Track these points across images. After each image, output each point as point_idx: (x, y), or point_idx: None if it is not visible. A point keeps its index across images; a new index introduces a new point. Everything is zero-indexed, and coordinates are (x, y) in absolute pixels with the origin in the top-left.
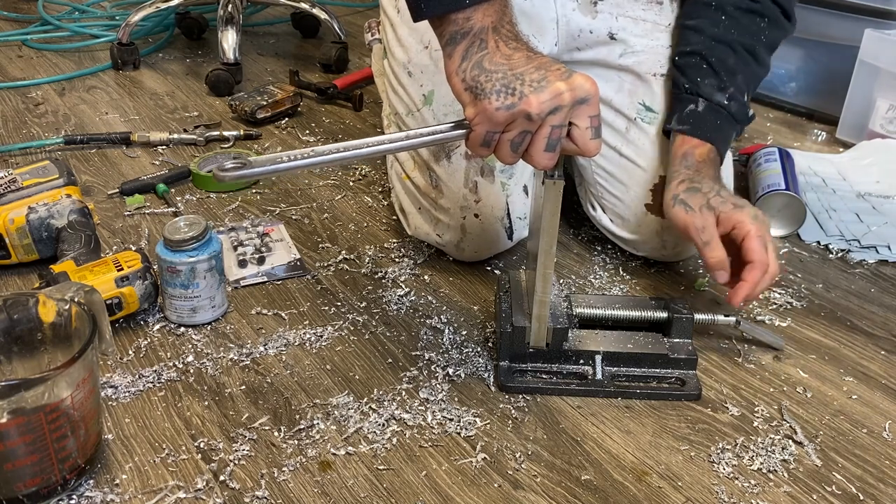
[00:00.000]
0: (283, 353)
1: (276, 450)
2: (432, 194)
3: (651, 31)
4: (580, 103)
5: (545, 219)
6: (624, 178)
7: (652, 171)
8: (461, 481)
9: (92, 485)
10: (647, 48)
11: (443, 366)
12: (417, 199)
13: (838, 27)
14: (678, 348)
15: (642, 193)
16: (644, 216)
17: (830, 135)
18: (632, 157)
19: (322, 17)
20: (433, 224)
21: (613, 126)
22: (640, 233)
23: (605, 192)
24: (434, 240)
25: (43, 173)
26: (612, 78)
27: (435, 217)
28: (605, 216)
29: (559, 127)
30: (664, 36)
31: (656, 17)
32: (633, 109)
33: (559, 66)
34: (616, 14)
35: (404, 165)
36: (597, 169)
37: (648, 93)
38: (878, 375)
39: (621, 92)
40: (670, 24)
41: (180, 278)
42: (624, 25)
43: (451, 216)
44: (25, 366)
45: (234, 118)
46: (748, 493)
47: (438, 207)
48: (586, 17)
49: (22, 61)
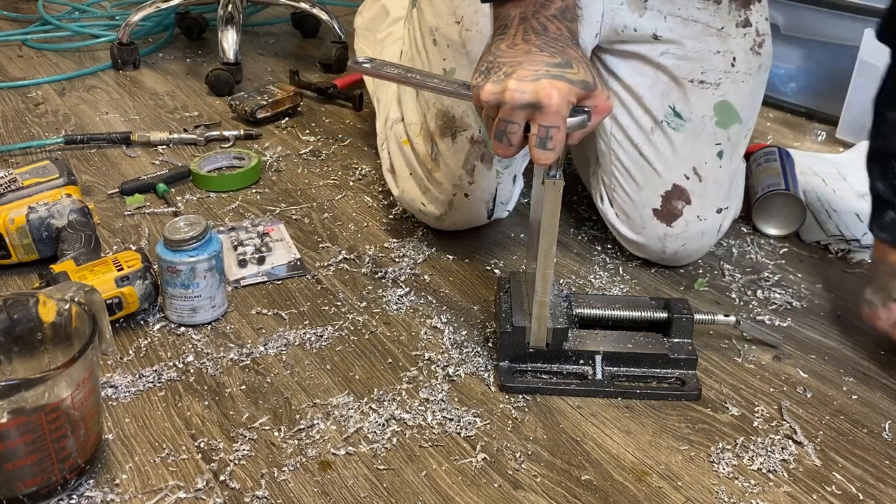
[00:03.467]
0: (283, 352)
1: (276, 450)
2: (429, 165)
3: (701, 34)
4: (533, 108)
5: (545, 219)
6: (639, 177)
7: (667, 177)
8: (461, 481)
9: (92, 485)
10: (692, 52)
11: (443, 366)
12: (412, 165)
13: (838, 27)
14: (678, 348)
15: (653, 197)
16: (650, 220)
17: (830, 135)
18: (651, 158)
19: (322, 16)
20: (422, 191)
21: (639, 123)
22: (643, 235)
23: (618, 186)
24: (417, 207)
25: (43, 173)
26: (648, 73)
27: (426, 186)
28: (611, 210)
29: (505, 122)
30: (714, 41)
31: (710, 17)
32: (661, 111)
33: (537, 67)
34: (666, 13)
35: (409, 129)
36: (615, 161)
37: (681, 98)
38: (878, 375)
39: (654, 90)
40: (724, 27)
41: (180, 278)
42: (672, 26)
43: (443, 191)
44: (25, 366)
45: (234, 118)
46: (748, 493)
47: (432, 179)
48: (633, 14)
49: (22, 61)
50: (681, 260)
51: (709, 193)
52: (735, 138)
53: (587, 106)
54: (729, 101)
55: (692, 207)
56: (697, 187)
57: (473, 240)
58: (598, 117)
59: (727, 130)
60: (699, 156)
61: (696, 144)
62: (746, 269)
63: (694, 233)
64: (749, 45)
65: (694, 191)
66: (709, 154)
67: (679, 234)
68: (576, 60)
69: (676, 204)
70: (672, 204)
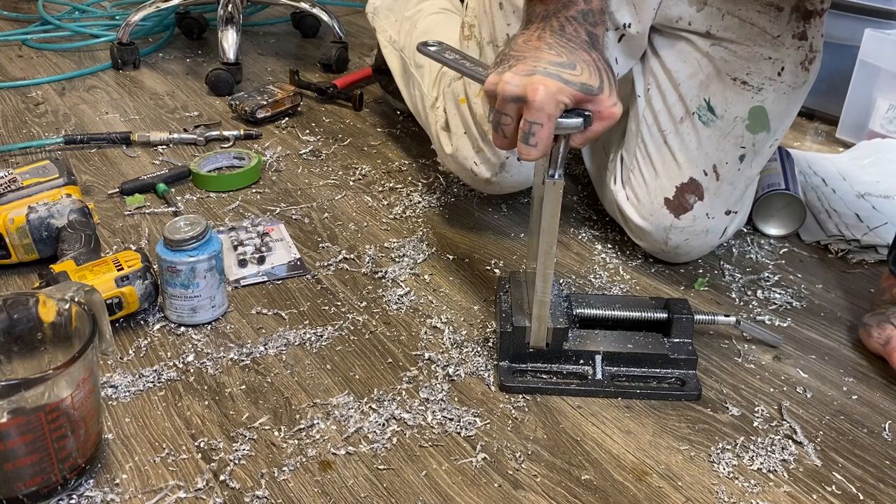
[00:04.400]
0: (283, 352)
1: (276, 449)
2: (485, 126)
3: (756, 38)
4: (521, 102)
5: (545, 219)
6: (658, 165)
7: (687, 170)
8: (461, 481)
9: (92, 484)
10: (743, 52)
11: (443, 366)
12: (468, 124)
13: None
14: (678, 348)
15: (668, 186)
16: (660, 208)
17: (830, 135)
18: (674, 148)
19: (322, 17)
20: (475, 151)
21: (671, 111)
22: (649, 221)
23: (636, 168)
24: (469, 166)
25: (43, 173)
26: (691, 61)
27: (479, 146)
28: (622, 191)
29: (499, 113)
30: (768, 46)
31: (769, 23)
32: (694, 103)
33: (537, 63)
34: (725, 11)
35: (469, 88)
36: (640, 143)
37: (719, 94)
38: (878, 375)
39: (693, 79)
40: (780, 35)
41: (180, 278)
42: (728, 25)
43: (496, 153)
44: (25, 365)
45: (234, 118)
46: (748, 493)
47: (486, 140)
48: (691, 8)
49: (22, 61)
50: (680, 256)
51: (722, 193)
52: (760, 146)
53: (588, 110)
54: (765, 108)
55: (703, 204)
56: (713, 185)
57: (473, 240)
58: (600, 123)
59: (755, 136)
60: (722, 154)
61: (721, 142)
62: (746, 269)
63: (699, 229)
64: (801, 58)
65: (709, 188)
66: (732, 155)
67: (684, 228)
68: (583, 63)
69: (689, 197)
70: (685, 196)
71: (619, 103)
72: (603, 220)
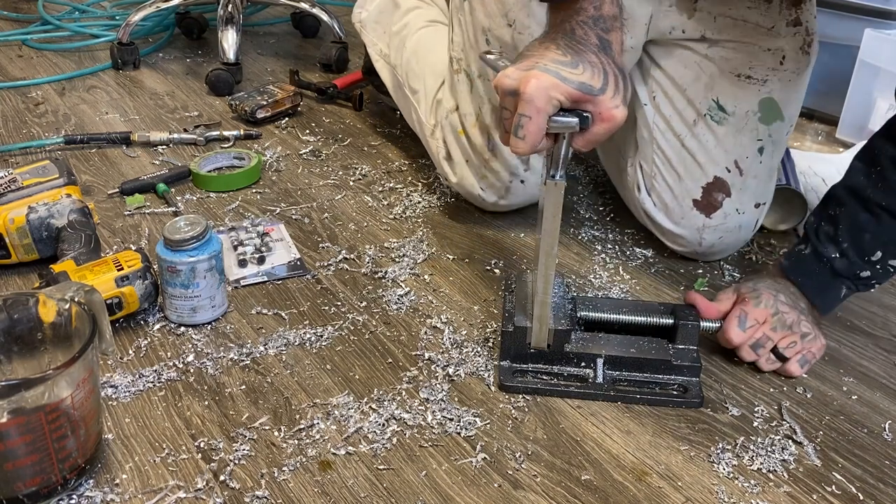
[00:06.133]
0: (283, 352)
1: (276, 449)
2: (486, 155)
3: (751, 33)
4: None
5: (546, 220)
6: (680, 169)
7: (709, 170)
8: (461, 481)
9: (92, 484)
10: (742, 48)
11: (443, 366)
12: (468, 153)
13: (838, 27)
14: (682, 355)
15: (694, 188)
16: (690, 210)
17: (830, 135)
18: (693, 150)
19: (322, 17)
20: (479, 178)
21: (682, 115)
22: (681, 225)
23: (658, 175)
24: (477, 192)
25: (43, 173)
26: (692, 66)
27: (482, 174)
28: (649, 199)
29: (502, 108)
30: (765, 39)
31: (761, 17)
32: (704, 104)
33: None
34: (716, 14)
35: (465, 120)
36: (657, 150)
37: (726, 91)
38: (878, 375)
39: (698, 82)
40: (774, 26)
41: (180, 278)
42: (721, 27)
43: (500, 179)
44: (25, 366)
45: (234, 118)
46: (748, 493)
47: (489, 168)
48: (682, 16)
49: (22, 61)
50: (715, 254)
51: (749, 187)
52: (776, 135)
53: (588, 111)
54: (774, 98)
55: (732, 200)
56: (738, 181)
57: (473, 240)
58: (601, 125)
59: (769, 127)
60: (741, 150)
61: (738, 138)
62: (746, 269)
63: (732, 225)
64: (799, 44)
65: (734, 184)
66: (750, 149)
67: (717, 227)
68: (588, 63)
69: (717, 196)
70: (713, 195)
71: (621, 106)
72: (603, 220)
